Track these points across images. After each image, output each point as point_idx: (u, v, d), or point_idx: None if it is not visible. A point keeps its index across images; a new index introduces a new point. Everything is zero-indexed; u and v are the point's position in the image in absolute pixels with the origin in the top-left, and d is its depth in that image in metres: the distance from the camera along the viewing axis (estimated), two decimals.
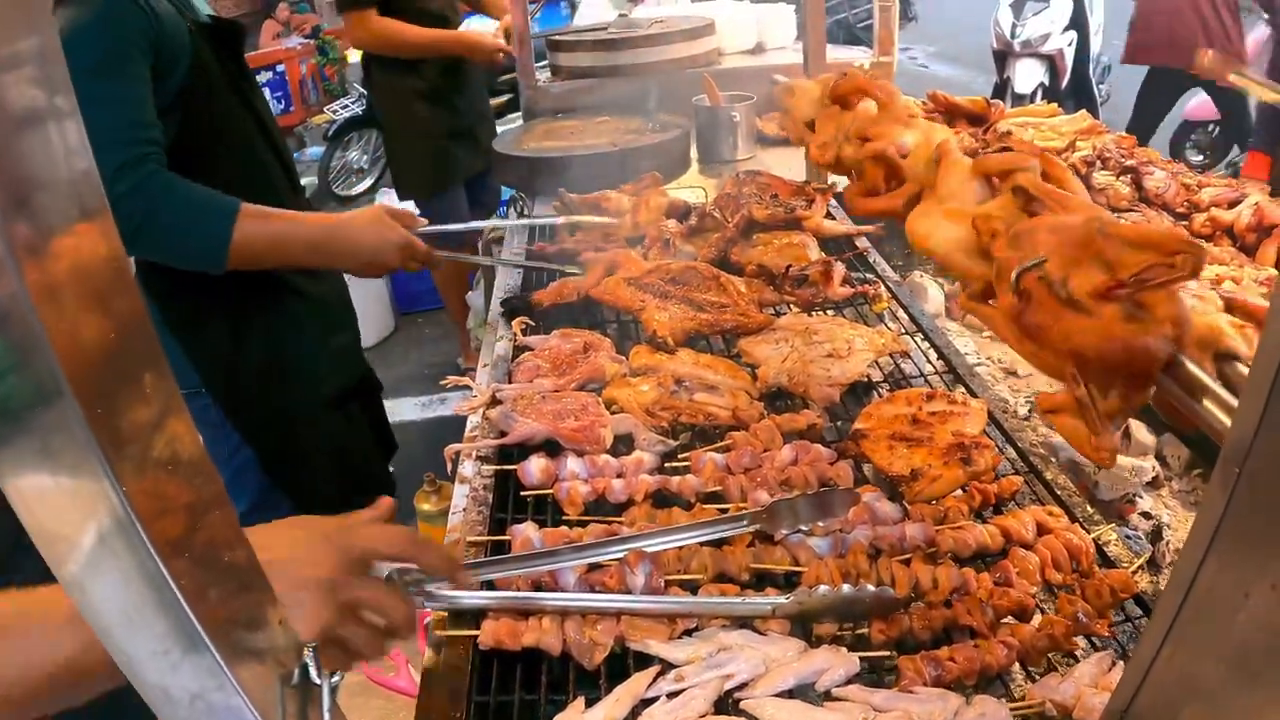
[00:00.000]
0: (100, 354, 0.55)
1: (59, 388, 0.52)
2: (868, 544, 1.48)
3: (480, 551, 1.48)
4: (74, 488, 0.55)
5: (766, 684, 1.22)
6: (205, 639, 0.60)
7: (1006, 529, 1.50)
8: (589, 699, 1.22)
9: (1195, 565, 0.69)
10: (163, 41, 2.05)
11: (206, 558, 0.62)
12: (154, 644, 0.60)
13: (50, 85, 0.53)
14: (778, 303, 2.26)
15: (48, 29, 0.53)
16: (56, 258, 0.52)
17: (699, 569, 1.42)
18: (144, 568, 0.58)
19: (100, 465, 0.54)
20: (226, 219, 2.00)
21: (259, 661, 0.66)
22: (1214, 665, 0.72)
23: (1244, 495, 0.64)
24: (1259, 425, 0.61)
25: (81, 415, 0.53)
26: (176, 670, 0.61)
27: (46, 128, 0.53)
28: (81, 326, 0.54)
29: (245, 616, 0.65)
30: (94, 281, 0.55)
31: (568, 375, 1.92)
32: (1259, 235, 2.61)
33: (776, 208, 2.56)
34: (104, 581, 0.59)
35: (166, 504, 0.59)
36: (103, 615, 0.60)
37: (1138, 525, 1.82)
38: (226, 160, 2.30)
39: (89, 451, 0.53)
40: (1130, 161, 2.92)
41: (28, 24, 0.51)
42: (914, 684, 1.23)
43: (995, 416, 1.85)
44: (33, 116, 0.52)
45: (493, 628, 1.29)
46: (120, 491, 0.55)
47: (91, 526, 0.57)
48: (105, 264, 0.56)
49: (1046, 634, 1.30)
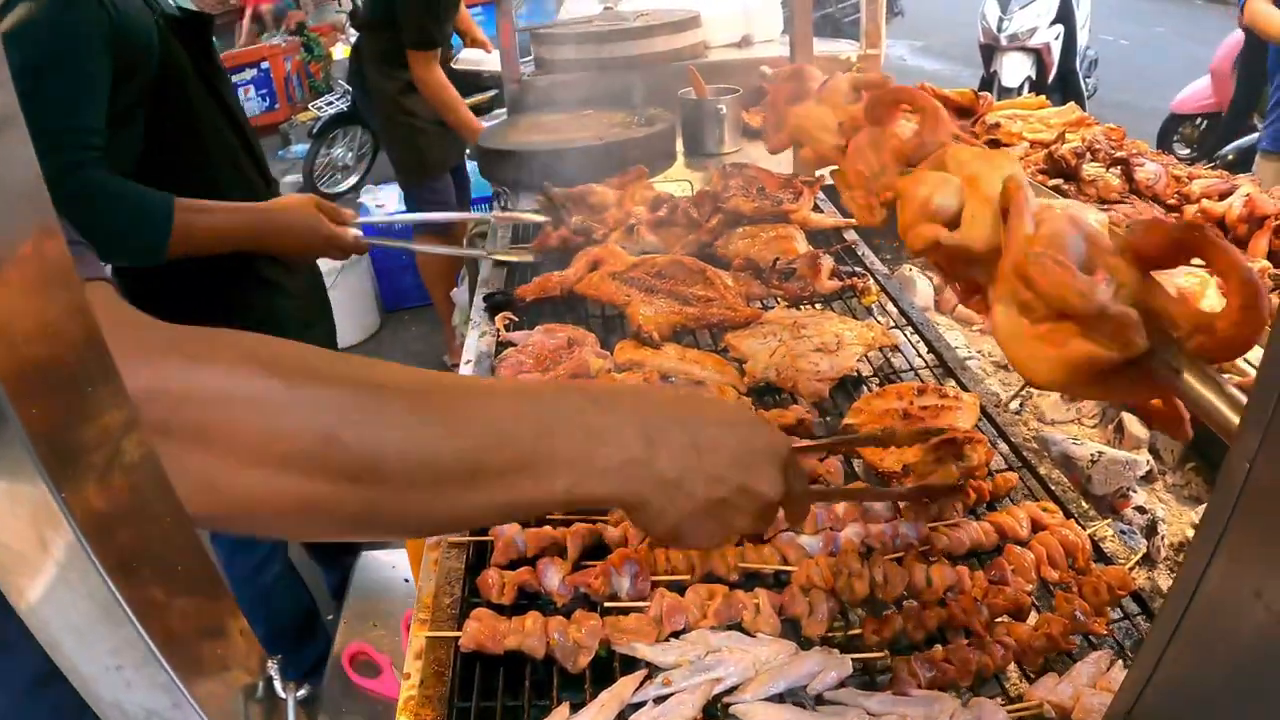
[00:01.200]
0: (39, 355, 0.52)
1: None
2: (859, 542, 1.45)
3: (462, 552, 1.45)
4: (12, 492, 0.52)
5: (756, 688, 1.19)
6: (157, 654, 0.56)
7: (1001, 526, 1.47)
8: (574, 704, 1.19)
9: (1204, 563, 0.67)
10: (126, 39, 2.04)
11: (158, 567, 0.59)
12: (106, 659, 0.57)
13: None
14: (765, 296, 2.23)
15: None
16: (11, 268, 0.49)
17: (686, 569, 1.39)
18: (88, 579, 0.54)
19: (36, 469, 0.50)
20: (165, 217, 2.07)
21: (219, 675, 0.62)
22: (1221, 667, 0.70)
23: (1254, 490, 0.61)
24: (1269, 421, 0.59)
25: (17, 419, 0.49)
26: (130, 687, 0.58)
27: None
28: (20, 330, 0.51)
29: (203, 628, 0.61)
30: (36, 286, 0.52)
31: (552, 371, 1.89)
32: (1250, 226, 2.59)
33: (763, 201, 2.54)
34: (50, 592, 0.55)
35: (112, 509, 0.56)
36: (50, 627, 0.56)
37: (1132, 520, 1.80)
38: (197, 154, 2.34)
39: (24, 455, 0.50)
40: (1120, 153, 2.90)
41: None
42: (908, 686, 1.20)
43: (987, 411, 1.82)
44: None
45: (474, 630, 1.25)
46: (59, 497, 0.51)
47: (33, 534, 0.53)
48: (49, 269, 0.53)
49: (1044, 633, 1.27)
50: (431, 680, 1.22)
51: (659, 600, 1.31)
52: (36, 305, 0.51)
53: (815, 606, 1.32)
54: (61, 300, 0.53)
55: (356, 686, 2.09)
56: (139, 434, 0.58)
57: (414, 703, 1.19)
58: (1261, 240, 2.56)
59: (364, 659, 2.13)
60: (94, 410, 0.55)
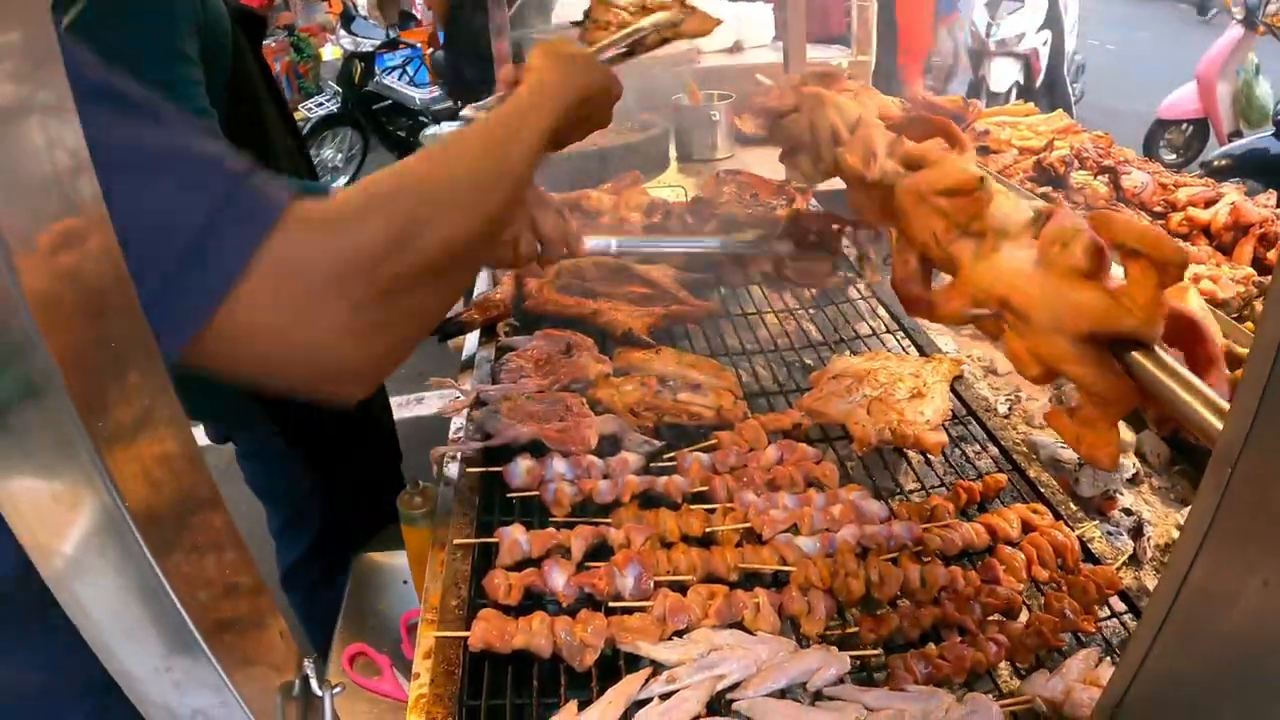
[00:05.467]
0: (91, 349, 0.55)
1: (50, 379, 0.51)
2: (855, 543, 1.48)
3: (468, 554, 1.48)
4: (63, 490, 0.55)
5: (758, 684, 1.22)
6: (205, 649, 0.59)
7: (992, 527, 1.51)
8: (581, 702, 1.22)
9: (1187, 562, 0.70)
10: (208, 32, 1.96)
11: (202, 561, 0.62)
12: (156, 660, 0.60)
13: (34, 80, 0.52)
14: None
15: (37, 23, 0.52)
16: (48, 252, 0.52)
17: (688, 569, 1.42)
18: (140, 572, 0.57)
19: (92, 460, 0.53)
20: None
21: (261, 673, 0.65)
22: (1206, 662, 0.73)
23: (1236, 494, 0.64)
24: (1251, 425, 0.62)
25: (72, 408, 0.52)
26: (179, 687, 0.60)
27: (29, 122, 0.52)
28: (71, 321, 0.53)
29: (247, 626, 0.64)
30: (84, 278, 0.55)
31: (551, 376, 1.92)
32: (1235, 234, 2.64)
33: (756, 207, 2.57)
34: (99, 590, 0.58)
35: (157, 499, 0.59)
36: (104, 631, 0.59)
37: (1119, 521, 1.84)
38: (266, 155, 2.25)
39: (80, 446, 0.53)
40: (1108, 161, 2.95)
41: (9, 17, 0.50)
42: (904, 682, 1.24)
43: (978, 415, 1.86)
44: (12, 111, 0.51)
45: (482, 629, 1.28)
46: (112, 489, 0.54)
47: (82, 529, 0.56)
48: (96, 260, 0.55)
49: (1034, 631, 1.31)
50: (442, 679, 1.25)
51: (662, 600, 1.34)
52: (82, 284, 0.54)
53: (813, 605, 1.36)
54: (107, 279, 0.56)
55: (357, 686, 2.11)
56: (177, 417, 0.60)
57: (425, 701, 1.22)
58: (1246, 247, 2.61)
59: (364, 659, 2.15)
60: (136, 393, 0.58)
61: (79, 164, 0.54)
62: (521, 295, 2.33)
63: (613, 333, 2.11)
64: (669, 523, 1.49)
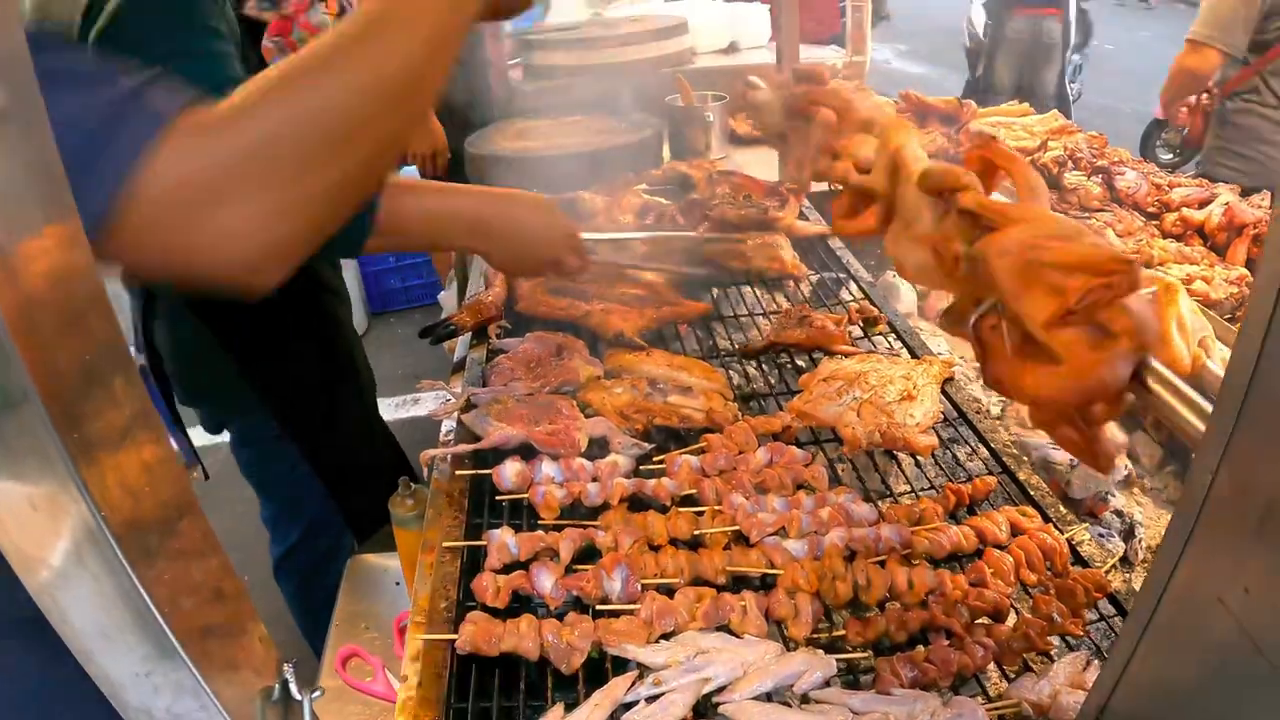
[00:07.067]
0: (68, 357, 0.55)
1: (25, 391, 0.51)
2: (843, 546, 1.48)
3: (456, 557, 1.48)
4: (41, 499, 0.55)
5: (745, 687, 1.22)
6: (183, 655, 0.59)
7: (981, 530, 1.51)
8: (568, 704, 1.22)
9: (1170, 567, 0.70)
10: (229, 25, 1.96)
11: (182, 569, 0.62)
12: (136, 665, 0.60)
13: (7, 87, 0.52)
14: None
15: (8, 31, 0.52)
16: (24, 260, 0.52)
17: (675, 572, 1.42)
18: (117, 580, 0.57)
19: (68, 470, 0.53)
20: (369, 203, 1.73)
21: (240, 678, 0.65)
22: (1189, 666, 0.73)
23: (1218, 499, 0.65)
24: (1233, 429, 0.62)
25: (48, 419, 0.52)
26: (158, 692, 0.61)
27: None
28: (47, 329, 0.53)
29: (226, 632, 0.64)
30: (62, 286, 0.55)
31: (542, 378, 1.92)
32: (1229, 235, 2.64)
33: (749, 208, 2.57)
34: (78, 597, 0.58)
35: (134, 507, 0.59)
36: (83, 636, 0.59)
37: (1110, 523, 1.84)
38: None
39: (56, 456, 0.53)
40: (1101, 162, 2.95)
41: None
42: (891, 685, 1.24)
43: (968, 416, 1.86)
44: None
45: (470, 632, 1.28)
46: (89, 499, 0.54)
47: (62, 538, 0.56)
48: (70, 272, 0.55)
49: (1022, 634, 1.31)
50: (430, 682, 1.25)
51: (649, 603, 1.34)
52: (58, 296, 0.54)
53: (800, 609, 1.36)
54: (83, 291, 0.56)
55: (349, 688, 2.11)
56: (154, 427, 0.61)
57: (413, 703, 1.22)
58: (1241, 248, 2.62)
59: (357, 661, 2.15)
60: (117, 402, 0.58)
61: (52, 175, 0.53)
62: (513, 298, 2.33)
63: (604, 335, 2.11)
64: (657, 525, 1.49)
